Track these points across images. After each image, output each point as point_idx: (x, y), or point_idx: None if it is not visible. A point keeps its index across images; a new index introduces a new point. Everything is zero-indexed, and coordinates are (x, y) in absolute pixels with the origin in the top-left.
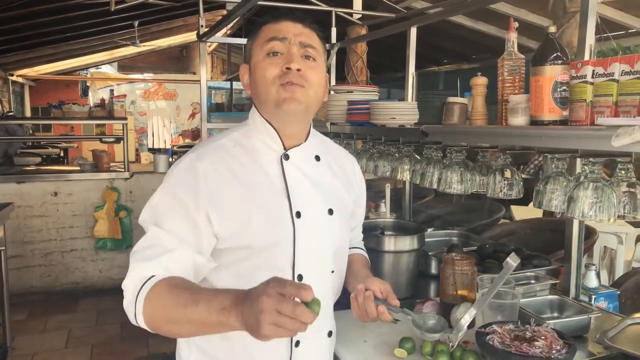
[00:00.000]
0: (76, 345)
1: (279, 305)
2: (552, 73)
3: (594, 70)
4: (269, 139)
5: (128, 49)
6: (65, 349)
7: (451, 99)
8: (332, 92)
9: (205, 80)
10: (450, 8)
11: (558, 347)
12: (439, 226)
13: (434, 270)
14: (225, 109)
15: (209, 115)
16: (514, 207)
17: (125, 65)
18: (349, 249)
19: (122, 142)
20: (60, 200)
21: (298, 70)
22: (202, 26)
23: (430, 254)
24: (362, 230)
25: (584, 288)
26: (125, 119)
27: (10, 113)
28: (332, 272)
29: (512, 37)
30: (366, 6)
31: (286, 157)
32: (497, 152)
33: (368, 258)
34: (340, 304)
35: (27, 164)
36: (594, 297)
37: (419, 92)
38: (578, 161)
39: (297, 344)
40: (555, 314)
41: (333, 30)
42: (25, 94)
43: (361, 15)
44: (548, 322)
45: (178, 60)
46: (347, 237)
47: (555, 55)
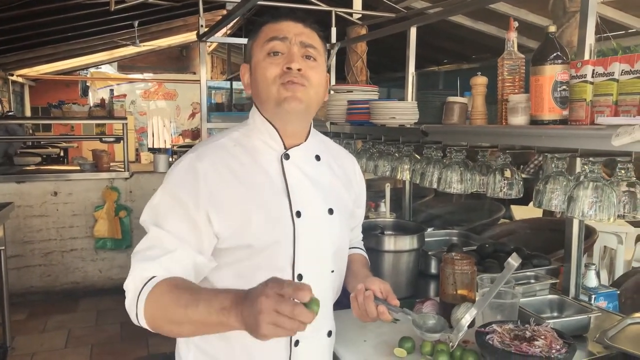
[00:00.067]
0: (76, 345)
1: (278, 306)
2: (552, 72)
3: (593, 70)
4: (269, 138)
5: (128, 49)
6: (65, 349)
7: (451, 99)
8: (332, 92)
9: (205, 80)
10: (450, 8)
11: (558, 347)
12: (439, 226)
13: (433, 269)
14: (225, 109)
15: (209, 115)
16: (513, 207)
17: (125, 65)
18: (348, 249)
19: (122, 141)
20: (60, 200)
21: (299, 70)
22: (202, 26)
23: (430, 253)
24: (362, 230)
25: (584, 288)
26: (125, 118)
27: (10, 113)
28: (332, 271)
29: (512, 37)
30: (366, 6)
31: (286, 156)
32: (497, 151)
33: (367, 258)
34: (340, 303)
35: (27, 164)
36: (593, 296)
37: (418, 91)
38: (578, 161)
39: (297, 343)
40: (555, 314)
41: (333, 30)
42: (25, 94)
43: (361, 15)
44: (548, 321)
45: (178, 60)
46: (347, 237)
47: (555, 54)
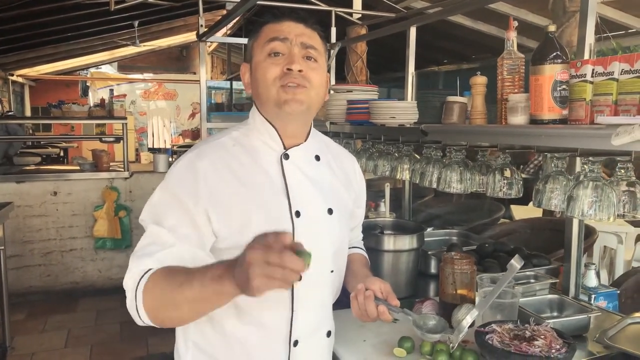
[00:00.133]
0: (75, 345)
1: (265, 255)
2: (552, 72)
3: (593, 69)
4: (269, 138)
5: (128, 49)
6: (65, 349)
7: (451, 98)
8: (332, 92)
9: (205, 80)
10: (450, 8)
11: (557, 347)
12: (439, 225)
13: (433, 269)
14: (225, 109)
15: (209, 115)
16: (513, 207)
17: (125, 65)
18: (348, 249)
19: (121, 141)
20: (60, 200)
21: (299, 71)
22: (201, 26)
23: (429, 253)
24: (361, 229)
25: (584, 287)
26: (125, 118)
27: (10, 113)
28: (332, 271)
29: (512, 36)
30: (366, 6)
31: (286, 156)
32: (496, 151)
33: (368, 258)
34: (340, 303)
35: (26, 164)
36: (593, 296)
37: (418, 91)
38: (578, 160)
39: (296, 343)
40: (555, 313)
41: (333, 30)
42: (25, 94)
43: (361, 15)
44: (547, 321)
45: (178, 60)
46: (346, 237)
47: (554, 54)
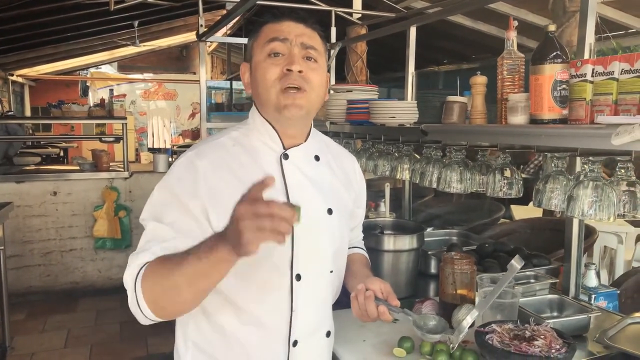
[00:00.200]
0: (75, 345)
1: (253, 207)
2: (552, 72)
3: (593, 69)
4: (268, 139)
5: (128, 49)
6: (65, 349)
7: (450, 98)
8: (332, 92)
9: (205, 80)
10: (450, 8)
11: (557, 347)
12: (439, 225)
13: (433, 269)
14: (225, 109)
15: (209, 115)
16: (513, 207)
17: (125, 65)
18: (349, 249)
19: (121, 141)
20: (60, 200)
21: (300, 72)
22: (201, 26)
23: (429, 253)
24: (362, 229)
25: (584, 287)
26: (124, 118)
27: (9, 113)
28: (331, 272)
29: (512, 36)
30: (366, 6)
31: (285, 156)
32: (496, 151)
33: (368, 257)
34: (340, 303)
35: (26, 164)
36: (593, 296)
37: (418, 91)
38: (578, 160)
39: (295, 343)
40: (555, 313)
41: (333, 30)
42: (25, 94)
43: (361, 15)
44: (547, 321)
45: (178, 60)
46: (346, 237)
47: (554, 53)
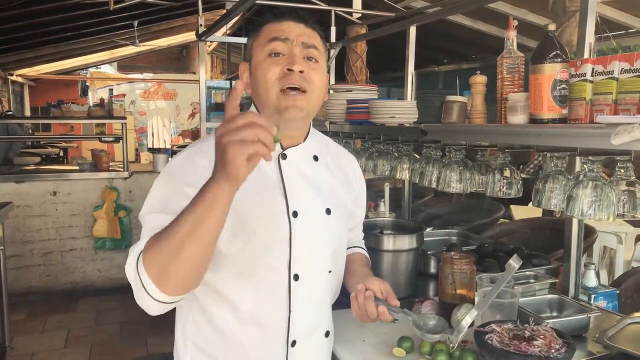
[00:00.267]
0: (75, 345)
1: (231, 123)
2: (552, 71)
3: (593, 69)
4: None
5: (128, 49)
6: (65, 349)
7: (450, 98)
8: (332, 91)
9: (205, 80)
10: (450, 7)
11: (557, 347)
12: (438, 225)
13: (433, 269)
14: (224, 109)
15: (209, 115)
16: (513, 207)
17: (125, 65)
18: (349, 249)
19: (121, 141)
20: (60, 200)
21: (300, 72)
22: (201, 25)
23: (429, 253)
24: (362, 229)
25: (584, 287)
26: (124, 118)
27: (9, 112)
28: (330, 272)
29: (512, 36)
30: (366, 5)
31: (284, 156)
32: (496, 151)
33: (369, 257)
34: (340, 303)
35: (26, 164)
36: (593, 296)
37: (418, 91)
38: (577, 160)
39: (294, 343)
40: (555, 313)
41: (332, 30)
42: (25, 94)
43: (361, 15)
44: (547, 321)
45: (178, 60)
46: (345, 237)
47: (554, 53)
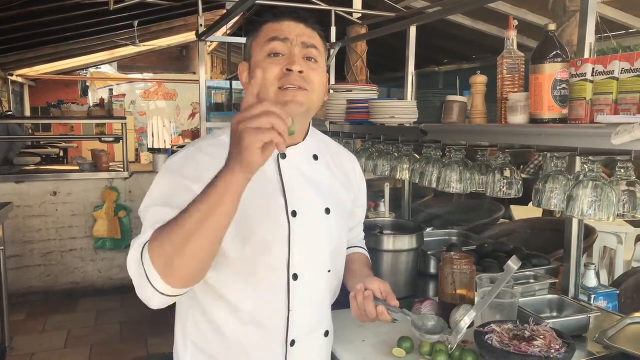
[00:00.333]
0: (75, 345)
1: (248, 111)
2: (552, 71)
3: (593, 68)
4: None
5: (127, 49)
6: (64, 349)
7: (450, 97)
8: (332, 91)
9: (204, 80)
10: (450, 7)
11: (557, 346)
12: (438, 225)
13: (432, 269)
14: (224, 109)
15: (209, 115)
16: (513, 207)
17: (125, 65)
18: (349, 248)
19: (121, 141)
20: (60, 200)
21: (300, 72)
22: (201, 25)
23: (429, 253)
24: (362, 229)
25: (583, 287)
26: (124, 118)
27: (9, 112)
28: (329, 271)
29: (512, 35)
30: (366, 5)
31: (283, 155)
32: (496, 150)
33: (369, 257)
34: (339, 303)
35: (26, 164)
36: (593, 296)
37: (418, 91)
38: (577, 159)
39: (293, 343)
40: (554, 313)
41: (332, 30)
42: (25, 94)
43: (361, 15)
44: (547, 321)
45: (178, 60)
46: (344, 237)
47: (554, 52)
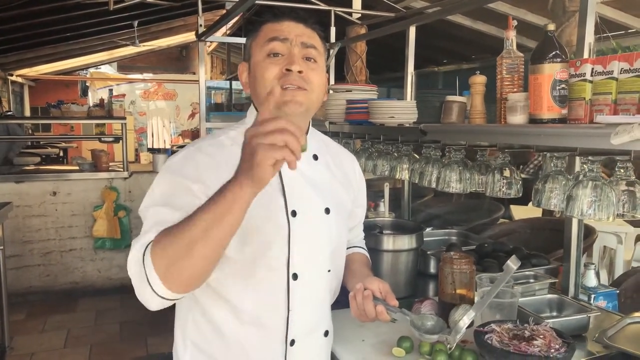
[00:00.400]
0: (75, 345)
1: (263, 127)
2: (551, 71)
3: (593, 69)
4: None
5: (128, 49)
6: (64, 349)
7: (450, 98)
8: (331, 92)
9: (204, 80)
10: (449, 7)
11: (557, 346)
12: (438, 225)
13: (432, 269)
14: (224, 109)
15: (208, 115)
16: (513, 207)
17: (125, 65)
18: (349, 249)
19: (121, 141)
20: (59, 200)
21: (299, 72)
22: (200, 26)
23: (429, 253)
24: (362, 229)
25: (583, 287)
26: (124, 118)
27: (9, 113)
28: (329, 271)
29: (511, 35)
30: (365, 6)
31: None
32: (496, 150)
33: (369, 257)
34: (339, 303)
35: (26, 164)
36: (593, 296)
37: (418, 91)
38: (577, 160)
39: (292, 342)
40: (554, 313)
41: (332, 30)
42: (25, 94)
43: (360, 15)
44: (547, 321)
45: (178, 60)
46: (344, 237)
47: (554, 53)
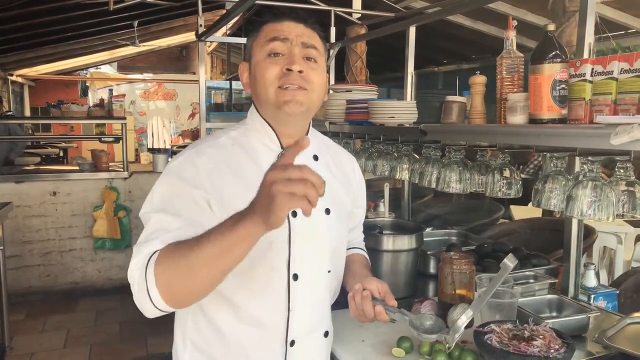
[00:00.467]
0: (75, 345)
1: (286, 172)
2: (551, 71)
3: (592, 69)
4: (267, 139)
5: (128, 49)
6: (64, 349)
7: (450, 98)
8: (331, 92)
9: (204, 80)
10: (449, 7)
11: (556, 347)
12: (438, 226)
13: (432, 269)
14: (224, 109)
15: (208, 115)
16: (513, 207)
17: (125, 65)
18: (349, 249)
19: (121, 142)
20: (59, 200)
21: (300, 72)
22: (200, 26)
23: (428, 253)
24: (362, 230)
25: (583, 287)
26: (124, 118)
27: (9, 113)
28: (329, 272)
29: (511, 36)
30: (365, 6)
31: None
32: (496, 151)
33: (368, 258)
34: (338, 303)
35: (26, 164)
36: (592, 296)
37: (418, 91)
38: (577, 160)
39: (292, 343)
40: (554, 314)
41: (332, 30)
42: (25, 94)
43: (360, 15)
44: (547, 321)
45: (178, 60)
46: (344, 237)
47: (554, 53)
